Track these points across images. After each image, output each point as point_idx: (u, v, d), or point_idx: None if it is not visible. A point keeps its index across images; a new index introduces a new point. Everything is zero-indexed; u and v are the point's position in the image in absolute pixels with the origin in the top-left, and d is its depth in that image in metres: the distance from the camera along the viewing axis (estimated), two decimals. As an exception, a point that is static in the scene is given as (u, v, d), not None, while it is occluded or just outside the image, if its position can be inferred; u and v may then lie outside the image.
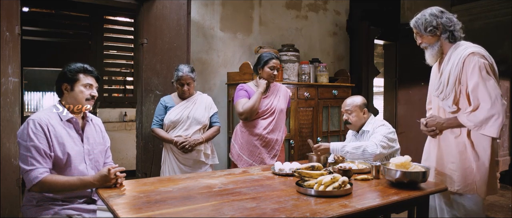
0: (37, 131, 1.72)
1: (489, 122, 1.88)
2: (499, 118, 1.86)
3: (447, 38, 2.05)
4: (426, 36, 2.08)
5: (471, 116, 1.93)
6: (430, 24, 2.04)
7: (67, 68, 1.88)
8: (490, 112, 1.86)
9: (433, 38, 2.07)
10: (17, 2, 2.56)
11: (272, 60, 2.70)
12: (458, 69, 1.97)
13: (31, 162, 1.69)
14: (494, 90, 1.87)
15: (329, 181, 1.67)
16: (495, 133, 1.88)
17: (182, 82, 2.66)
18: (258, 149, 2.69)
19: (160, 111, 2.72)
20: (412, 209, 2.02)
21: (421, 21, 2.07)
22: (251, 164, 2.67)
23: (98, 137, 2.00)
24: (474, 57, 1.92)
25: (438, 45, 2.08)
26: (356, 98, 2.59)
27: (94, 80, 1.94)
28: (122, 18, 5.80)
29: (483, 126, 1.90)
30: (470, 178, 1.99)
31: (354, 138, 2.64)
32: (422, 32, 2.07)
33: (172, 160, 2.68)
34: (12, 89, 2.48)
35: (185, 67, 2.67)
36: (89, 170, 1.88)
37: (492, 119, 1.87)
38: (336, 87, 3.94)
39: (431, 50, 2.10)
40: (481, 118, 1.89)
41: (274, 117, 2.72)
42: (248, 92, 2.71)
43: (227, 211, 1.43)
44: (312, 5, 4.46)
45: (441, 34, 2.05)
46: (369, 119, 2.56)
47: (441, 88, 2.07)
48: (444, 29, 2.04)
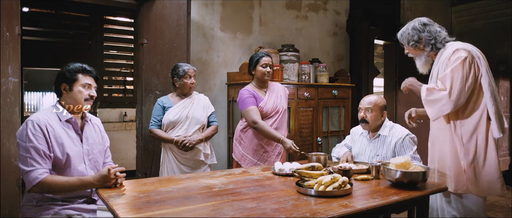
0: (36, 132, 1.72)
1: (436, 104, 1.97)
2: (444, 105, 1.94)
3: (431, 50, 2.12)
4: (410, 48, 2.17)
5: (429, 92, 2.01)
6: (412, 39, 2.13)
7: (65, 68, 1.88)
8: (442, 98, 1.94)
9: (417, 51, 2.16)
10: (17, 2, 2.56)
11: (262, 58, 2.70)
12: (444, 67, 2.03)
13: (31, 163, 1.69)
14: (456, 82, 1.92)
15: (329, 181, 1.67)
16: (432, 116, 2.00)
17: (189, 75, 2.70)
18: (262, 148, 2.69)
19: (158, 111, 2.72)
20: (412, 209, 2.02)
21: (405, 35, 2.16)
22: (256, 163, 2.67)
23: (97, 137, 2.00)
24: (457, 52, 1.98)
25: (425, 55, 2.15)
26: (379, 98, 2.46)
27: (93, 80, 1.94)
28: (122, 18, 5.80)
29: (428, 104, 2.01)
30: (461, 178, 2.01)
31: (365, 140, 2.50)
32: (406, 45, 2.17)
33: (171, 160, 2.69)
34: (12, 89, 2.48)
35: (185, 63, 2.78)
36: (88, 170, 1.88)
37: (439, 103, 1.96)
38: (336, 87, 3.94)
39: (419, 60, 2.19)
40: (432, 97, 1.99)
41: (278, 116, 2.72)
42: (254, 96, 2.68)
43: (227, 211, 1.43)
44: (312, 5, 4.46)
45: (425, 47, 2.13)
46: (385, 121, 2.44)
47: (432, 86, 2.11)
48: (426, 43, 2.11)
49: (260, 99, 2.70)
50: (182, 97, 2.77)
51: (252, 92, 2.69)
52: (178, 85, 2.73)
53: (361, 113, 2.44)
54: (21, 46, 2.62)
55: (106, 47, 5.71)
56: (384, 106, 2.45)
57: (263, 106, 2.67)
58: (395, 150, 2.34)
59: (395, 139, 2.35)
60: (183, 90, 2.74)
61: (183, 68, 2.71)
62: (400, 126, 2.44)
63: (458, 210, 2.06)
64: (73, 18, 5.52)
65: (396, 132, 2.38)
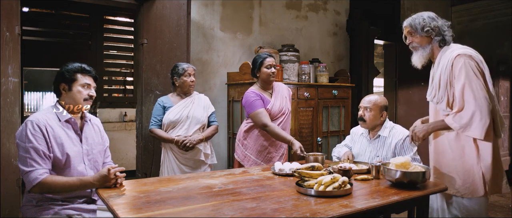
0: (35, 132, 1.72)
1: (473, 123, 1.90)
2: (482, 119, 1.88)
3: (438, 42, 2.09)
4: (420, 36, 2.10)
5: (457, 117, 1.95)
6: (428, 25, 2.07)
7: (64, 68, 1.87)
8: (475, 113, 1.88)
9: (426, 40, 2.10)
10: (17, 2, 2.56)
11: (266, 59, 2.68)
12: (447, 73, 1.99)
13: (30, 163, 1.68)
14: (478, 92, 1.89)
15: (329, 181, 1.67)
16: (480, 134, 1.89)
17: (189, 73, 2.71)
18: (266, 149, 2.68)
19: (158, 111, 2.71)
20: (412, 209, 2.01)
21: (418, 21, 2.09)
22: (259, 163, 2.66)
23: (97, 137, 1.99)
24: (461, 59, 1.94)
25: (430, 48, 2.11)
26: (379, 98, 2.45)
27: (92, 80, 1.93)
28: (122, 18, 5.80)
29: (467, 128, 1.91)
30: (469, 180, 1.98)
31: (365, 140, 2.50)
32: (418, 31, 2.10)
33: (171, 160, 2.69)
34: (12, 89, 2.48)
35: (183, 62, 2.81)
36: (88, 170, 1.88)
37: (476, 120, 1.89)
38: (336, 87, 3.94)
39: (422, 51, 2.12)
40: (466, 119, 1.91)
41: (284, 117, 2.72)
42: (261, 97, 2.65)
43: (227, 211, 1.43)
44: (312, 5, 4.46)
45: (435, 36, 2.08)
46: (385, 122, 2.43)
47: (434, 92, 2.09)
48: (438, 33, 2.08)
49: (267, 101, 2.67)
50: (182, 96, 2.77)
51: (258, 94, 2.66)
52: (178, 84, 2.73)
53: (360, 111, 2.45)
54: (21, 46, 2.62)
55: (106, 47, 5.71)
56: (384, 106, 2.44)
57: (270, 109, 2.65)
58: (395, 151, 2.34)
59: (395, 140, 2.34)
60: (183, 89, 2.74)
61: (182, 66, 2.72)
62: (400, 127, 2.43)
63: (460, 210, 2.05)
64: (73, 18, 5.52)
65: (396, 133, 2.37)
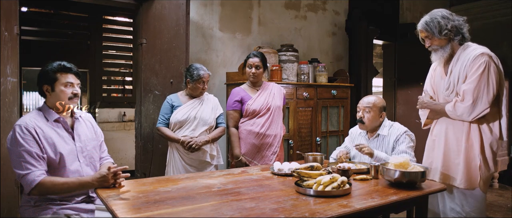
0: (25, 136, 1.69)
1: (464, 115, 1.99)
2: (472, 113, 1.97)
3: (458, 40, 2.08)
4: (439, 39, 2.07)
5: (457, 106, 2.01)
6: (445, 27, 2.04)
7: (44, 69, 1.83)
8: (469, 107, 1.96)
9: (445, 41, 2.08)
10: (16, 2, 2.56)
11: (249, 59, 2.76)
12: (467, 69, 2.00)
13: (26, 166, 1.67)
14: (482, 90, 1.94)
15: (328, 181, 1.67)
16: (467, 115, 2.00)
17: (203, 81, 2.67)
18: (256, 147, 2.70)
19: (166, 110, 2.69)
20: (411, 209, 2.02)
21: (433, 25, 2.06)
22: (251, 162, 2.68)
23: (90, 133, 1.97)
24: (483, 57, 1.97)
25: (449, 47, 2.09)
26: (378, 99, 2.46)
27: (74, 77, 1.89)
28: (121, 18, 5.80)
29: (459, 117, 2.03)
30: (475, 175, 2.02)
31: (364, 140, 2.50)
32: (436, 35, 2.06)
33: (177, 160, 2.66)
34: (10, 89, 2.48)
35: (201, 66, 2.69)
36: (84, 167, 1.87)
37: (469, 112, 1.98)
38: (335, 87, 3.94)
39: (443, 52, 2.10)
40: (460, 110, 2.00)
41: (270, 114, 2.73)
42: (242, 97, 2.75)
43: (226, 211, 1.43)
44: (311, 5, 4.46)
45: (454, 36, 2.07)
46: (384, 121, 2.44)
47: (452, 87, 2.08)
48: (457, 32, 2.06)
49: (248, 98, 2.73)
50: (192, 96, 2.74)
51: (241, 93, 2.76)
52: (189, 86, 2.69)
53: (359, 113, 2.45)
54: (19, 46, 2.62)
55: (105, 47, 5.71)
56: (383, 107, 2.44)
57: (250, 105, 2.70)
58: (394, 146, 2.36)
59: (394, 137, 2.37)
60: (194, 92, 2.70)
61: (198, 72, 2.63)
62: (399, 124, 2.44)
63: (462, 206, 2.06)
64: (72, 18, 5.51)
65: (394, 130, 2.39)
